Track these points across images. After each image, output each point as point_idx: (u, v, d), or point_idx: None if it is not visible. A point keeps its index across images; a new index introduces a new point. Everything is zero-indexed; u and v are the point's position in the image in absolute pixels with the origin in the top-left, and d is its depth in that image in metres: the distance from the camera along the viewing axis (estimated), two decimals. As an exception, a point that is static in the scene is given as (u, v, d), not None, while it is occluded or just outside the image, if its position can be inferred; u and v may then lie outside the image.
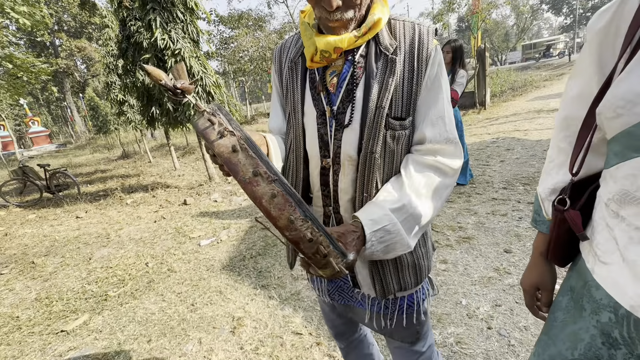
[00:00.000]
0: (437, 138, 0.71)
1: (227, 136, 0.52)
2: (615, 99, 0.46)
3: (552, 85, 13.28)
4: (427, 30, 0.70)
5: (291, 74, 0.79)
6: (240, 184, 0.51)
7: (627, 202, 0.47)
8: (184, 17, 4.91)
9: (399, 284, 0.80)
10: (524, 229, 2.57)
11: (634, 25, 0.47)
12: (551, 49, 32.78)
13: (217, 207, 4.45)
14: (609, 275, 0.50)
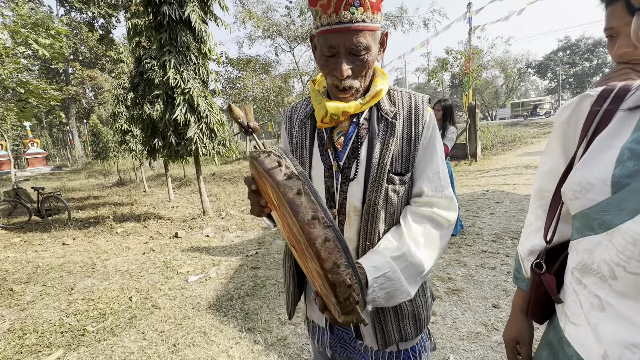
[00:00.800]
0: (434, 192, 0.79)
1: (293, 179, 0.56)
2: (574, 184, 0.54)
3: (539, 142, 13.95)
4: (422, 99, 0.83)
5: (301, 132, 0.89)
6: (298, 224, 0.54)
7: (586, 272, 0.54)
8: (197, 60, 5.27)
9: (400, 334, 0.83)
10: (511, 284, 2.60)
11: (587, 122, 0.58)
12: (538, 108, 34.91)
13: (208, 243, 4.42)
14: (577, 335, 0.55)
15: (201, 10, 5.12)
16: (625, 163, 0.48)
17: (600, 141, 0.54)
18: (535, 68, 47.33)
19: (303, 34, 11.54)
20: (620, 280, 0.48)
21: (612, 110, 0.55)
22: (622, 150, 0.49)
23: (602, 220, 0.49)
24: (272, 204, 0.69)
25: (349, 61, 0.73)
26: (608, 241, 0.49)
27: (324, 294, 0.64)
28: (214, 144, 5.45)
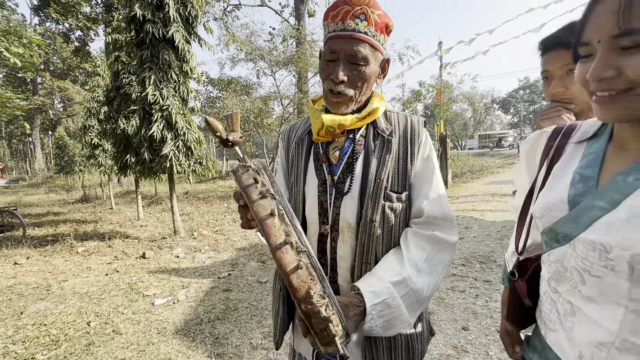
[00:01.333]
0: (435, 213, 0.78)
1: (267, 198, 0.55)
2: (540, 206, 0.63)
3: (504, 172, 14.85)
4: (417, 120, 0.85)
5: (297, 148, 0.90)
6: (270, 247, 0.52)
7: (561, 280, 0.60)
8: (178, 78, 5.27)
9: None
10: (480, 306, 2.70)
11: (544, 153, 0.69)
12: (502, 140, 37.49)
13: (178, 264, 4.24)
14: (557, 340, 0.61)
15: (185, 31, 5.20)
16: (576, 185, 0.57)
17: (558, 169, 0.64)
18: (499, 104, 51.17)
19: (285, 59, 11.90)
20: (588, 284, 0.54)
21: (563, 144, 0.66)
22: (574, 175, 0.59)
23: (564, 234, 0.57)
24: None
25: (346, 68, 0.76)
26: (572, 250, 0.56)
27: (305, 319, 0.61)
28: (190, 162, 5.36)
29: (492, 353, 2.09)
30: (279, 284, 0.90)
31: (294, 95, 12.70)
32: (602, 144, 0.59)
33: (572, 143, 0.64)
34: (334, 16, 0.76)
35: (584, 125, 0.65)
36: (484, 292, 3.00)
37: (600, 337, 0.52)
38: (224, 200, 10.43)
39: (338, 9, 0.75)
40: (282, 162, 0.97)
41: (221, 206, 9.27)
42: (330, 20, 0.78)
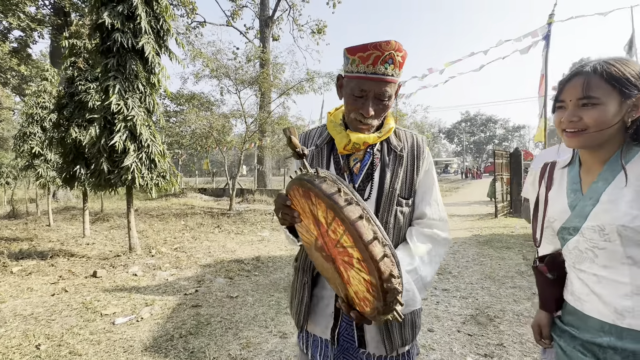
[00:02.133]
0: (434, 216, 0.96)
1: (353, 204, 0.64)
2: (552, 214, 0.91)
3: (451, 195, 16.18)
4: (422, 139, 1.02)
5: (318, 155, 1.01)
6: (360, 243, 0.61)
7: (581, 261, 0.83)
8: (144, 90, 5.14)
9: (402, 339, 0.93)
10: (441, 311, 2.96)
11: (540, 179, 0.99)
12: (449, 167, 40.97)
13: (137, 282, 3.98)
14: (593, 307, 0.81)
15: (156, 43, 5.16)
16: (571, 196, 0.88)
17: (555, 189, 0.94)
18: (445, 133, 56.04)
19: (250, 79, 12.06)
20: (599, 256, 0.79)
21: (552, 171, 0.97)
22: (567, 191, 0.89)
23: (573, 227, 0.84)
24: (307, 218, 0.77)
25: (374, 104, 0.90)
26: (582, 237, 0.82)
27: (359, 298, 0.71)
28: (153, 175, 5.15)
29: (455, 349, 2.32)
30: (305, 277, 1.01)
31: (257, 114, 12.80)
32: (576, 168, 0.90)
33: (558, 169, 0.95)
34: (364, 58, 0.86)
35: (561, 159, 0.98)
36: (444, 299, 3.30)
37: (623, 290, 0.76)
38: (179, 217, 9.93)
39: (368, 52, 0.85)
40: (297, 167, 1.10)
41: (177, 224, 8.82)
42: (359, 61, 0.87)
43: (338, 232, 0.68)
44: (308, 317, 1.01)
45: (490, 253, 5.13)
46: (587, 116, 0.78)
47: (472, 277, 3.97)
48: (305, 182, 0.70)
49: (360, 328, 0.95)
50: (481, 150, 56.03)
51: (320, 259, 0.82)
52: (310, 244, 0.84)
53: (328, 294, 0.99)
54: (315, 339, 1.02)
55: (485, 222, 8.27)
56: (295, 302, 1.04)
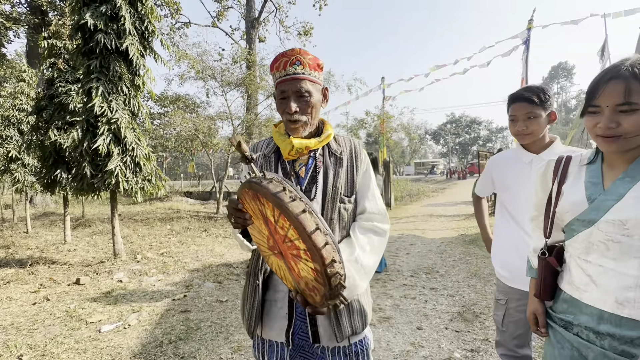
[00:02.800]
0: (373, 209, 1.07)
1: (297, 200, 0.71)
2: (566, 205, 0.94)
3: (438, 196, 16.48)
4: (358, 142, 1.15)
5: (266, 163, 1.09)
6: (304, 234, 0.68)
7: (589, 252, 0.87)
8: (129, 92, 5.05)
9: (352, 327, 1.00)
10: (429, 309, 3.02)
11: (554, 172, 1.01)
12: (435, 168, 41.68)
13: (123, 288, 3.89)
14: (593, 297, 0.85)
15: (140, 45, 5.07)
16: (590, 188, 0.89)
17: (571, 181, 0.96)
18: (431, 135, 57.01)
19: (237, 81, 11.98)
20: (612, 249, 0.82)
21: (566, 168, 0.99)
22: (586, 183, 0.91)
23: (589, 220, 0.86)
24: (258, 219, 0.82)
25: (296, 101, 1.00)
26: (596, 229, 0.84)
27: (309, 288, 0.78)
28: (138, 179, 5.05)
29: (443, 345, 2.38)
30: (257, 281, 1.04)
31: (244, 117, 12.71)
32: (598, 165, 0.92)
33: (576, 166, 0.97)
34: (277, 67, 1.01)
35: (583, 155, 0.99)
36: (432, 297, 3.37)
37: (628, 282, 0.80)
38: (165, 222, 9.74)
39: (279, 61, 1.00)
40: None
41: (163, 228, 8.66)
42: (275, 70, 1.02)
43: (285, 227, 0.73)
44: (261, 322, 1.04)
45: (476, 252, 5.26)
46: (627, 122, 0.77)
47: (458, 276, 4.07)
48: (254, 184, 0.74)
49: (314, 324, 1.00)
50: (466, 151, 57.31)
51: (273, 257, 0.87)
52: (263, 244, 0.88)
53: (280, 297, 1.03)
54: (270, 344, 1.06)
55: (471, 222, 8.47)
56: (247, 308, 1.07)
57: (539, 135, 1.39)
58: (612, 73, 0.80)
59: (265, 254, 0.91)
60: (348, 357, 1.03)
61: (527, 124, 1.37)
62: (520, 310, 1.44)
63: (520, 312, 1.45)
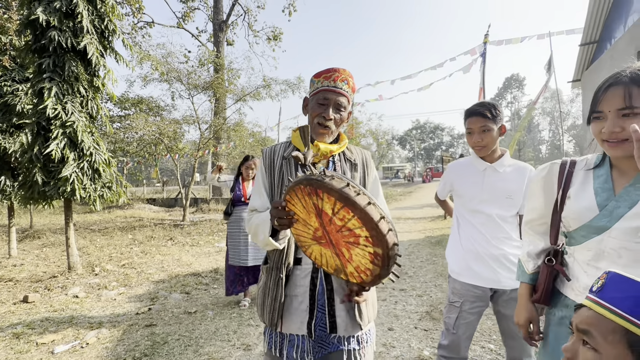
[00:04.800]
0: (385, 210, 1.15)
1: (361, 194, 0.78)
2: (573, 211, 0.91)
3: (405, 200, 17.05)
4: (368, 153, 1.29)
5: (288, 166, 1.16)
6: (372, 223, 0.75)
7: (600, 259, 0.85)
8: (86, 93, 4.74)
9: (367, 317, 1.12)
10: (399, 310, 3.12)
11: (560, 176, 0.98)
12: (399, 172, 43.19)
13: (79, 304, 3.60)
14: None
15: (100, 44, 4.79)
16: (600, 194, 0.88)
17: (578, 187, 0.93)
18: (398, 140, 58.98)
19: (204, 84, 11.66)
20: (624, 257, 0.80)
21: (571, 170, 0.97)
22: (595, 189, 0.89)
23: (600, 226, 0.85)
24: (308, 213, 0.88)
25: (334, 110, 1.14)
26: (608, 237, 0.82)
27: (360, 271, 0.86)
28: (97, 186, 4.73)
29: (413, 345, 2.47)
30: (280, 275, 1.10)
31: (212, 121, 12.38)
32: (607, 169, 0.90)
33: (581, 170, 0.95)
34: (327, 77, 1.12)
35: (589, 160, 0.97)
36: (401, 299, 3.48)
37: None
38: (126, 231, 9.19)
39: (330, 73, 1.13)
40: (264, 176, 1.20)
41: (124, 238, 8.16)
42: (322, 78, 1.13)
43: (346, 218, 0.80)
44: (281, 317, 1.09)
45: (441, 252, 5.51)
46: (629, 125, 0.78)
47: (426, 276, 4.24)
48: (315, 181, 0.81)
49: (332, 314, 1.07)
50: (431, 156, 59.96)
51: (316, 246, 0.94)
52: (306, 236, 0.94)
53: (301, 291, 1.09)
54: (290, 338, 1.10)
55: (436, 224, 8.86)
56: (269, 301, 1.12)
57: (493, 147, 1.54)
58: (612, 79, 0.82)
59: (306, 244, 0.98)
60: (360, 344, 1.12)
61: (482, 137, 1.51)
62: (473, 312, 1.54)
63: (473, 314, 1.54)
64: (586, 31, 7.76)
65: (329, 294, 1.09)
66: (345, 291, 1.07)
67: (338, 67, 1.14)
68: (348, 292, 0.96)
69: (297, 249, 1.12)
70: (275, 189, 1.17)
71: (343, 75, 1.12)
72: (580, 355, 0.56)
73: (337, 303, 1.08)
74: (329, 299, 1.08)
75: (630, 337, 0.50)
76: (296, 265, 1.11)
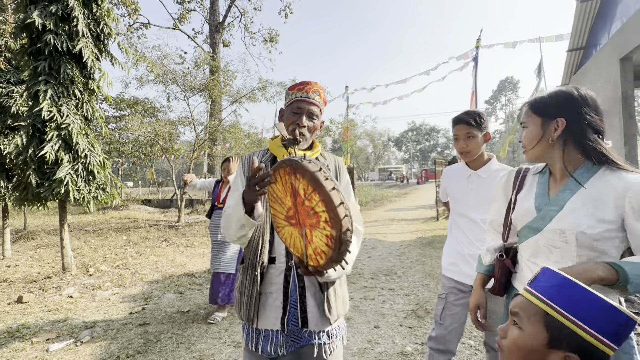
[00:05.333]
0: (354, 214, 1.20)
1: (329, 179, 0.86)
2: (519, 214, 1.06)
3: (400, 201, 17.19)
4: (340, 159, 1.37)
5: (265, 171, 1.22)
6: (332, 205, 0.82)
7: (537, 255, 0.99)
8: (82, 96, 4.80)
9: (337, 312, 1.18)
10: (387, 309, 3.22)
11: (514, 181, 1.15)
12: (392, 174, 43.33)
13: (74, 304, 3.66)
14: None
15: (95, 47, 4.86)
16: (538, 199, 1.02)
17: (525, 191, 1.09)
18: (394, 142, 59.27)
19: (200, 85, 11.72)
20: (554, 254, 0.94)
21: (524, 175, 1.13)
22: (536, 193, 1.04)
23: (536, 227, 0.99)
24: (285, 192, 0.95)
25: (307, 119, 1.22)
26: (542, 236, 0.97)
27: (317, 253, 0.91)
28: (91, 188, 4.79)
29: (397, 341, 2.57)
30: (255, 273, 1.16)
31: (208, 122, 12.43)
32: (546, 176, 1.04)
33: (530, 175, 1.10)
34: (300, 89, 1.23)
35: (538, 167, 1.12)
36: (389, 298, 3.58)
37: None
38: (120, 232, 9.21)
39: (303, 85, 1.23)
40: (243, 183, 1.26)
41: (118, 239, 8.19)
42: (296, 90, 1.23)
43: (314, 200, 0.87)
44: (257, 313, 1.15)
45: (431, 253, 5.63)
46: (523, 137, 1.03)
47: (414, 276, 4.35)
48: (295, 162, 0.90)
49: (304, 310, 1.14)
50: (426, 158, 60.32)
51: (288, 227, 1.01)
52: (280, 215, 1.02)
53: (275, 288, 1.16)
54: (266, 333, 1.16)
55: (428, 225, 9.00)
56: (245, 299, 1.18)
57: (477, 153, 1.66)
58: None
59: (280, 224, 1.03)
60: (330, 338, 1.19)
61: (467, 143, 1.65)
62: (457, 304, 1.66)
63: (457, 305, 1.66)
64: (573, 37, 7.95)
65: (300, 291, 1.15)
66: (316, 287, 1.16)
67: (310, 81, 1.25)
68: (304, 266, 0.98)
69: (272, 248, 1.19)
70: None
71: (315, 88, 1.23)
72: (509, 333, 0.67)
73: (308, 299, 1.16)
74: (301, 296, 1.15)
75: (547, 318, 0.61)
76: (270, 264, 1.18)
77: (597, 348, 0.57)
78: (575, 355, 0.59)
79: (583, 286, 0.61)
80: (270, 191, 1.02)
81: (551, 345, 0.60)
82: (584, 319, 0.58)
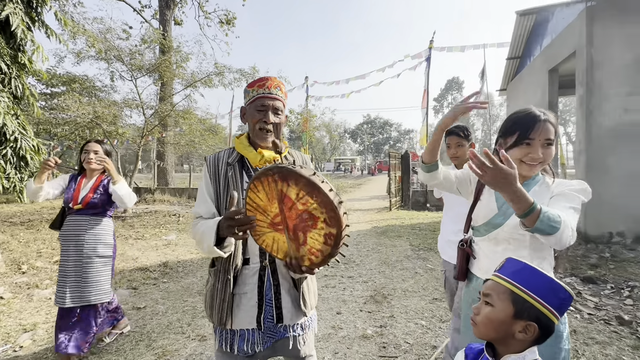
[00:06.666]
0: None
1: (324, 182, 0.90)
2: (481, 211, 1.23)
3: (355, 191, 17.79)
4: (308, 157, 1.44)
5: (234, 171, 1.23)
6: (332, 206, 0.88)
7: (499, 243, 1.17)
8: (9, 70, 4.20)
9: (311, 303, 1.26)
10: (347, 295, 3.41)
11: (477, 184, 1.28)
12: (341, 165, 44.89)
13: (6, 306, 3.29)
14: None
15: (26, 15, 4.25)
16: (499, 198, 1.19)
17: (486, 192, 1.24)
18: (349, 134, 60.64)
19: (149, 66, 10.83)
20: (512, 244, 1.13)
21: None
22: (497, 194, 1.19)
23: (497, 223, 1.16)
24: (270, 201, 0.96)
25: (273, 115, 1.23)
26: (502, 230, 1.15)
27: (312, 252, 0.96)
28: (23, 176, 4.26)
29: (358, 325, 2.76)
30: (228, 276, 1.17)
31: (158, 106, 11.57)
32: None
33: None
34: (261, 85, 1.21)
35: None
36: (349, 285, 3.78)
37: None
38: (57, 224, 8.30)
39: (263, 81, 1.21)
40: (208, 182, 1.24)
41: (54, 232, 7.37)
42: (257, 87, 1.21)
43: (309, 203, 0.91)
44: (232, 312, 1.17)
45: (386, 242, 6.00)
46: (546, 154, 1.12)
47: (371, 264, 4.62)
48: (285, 169, 0.91)
49: (279, 306, 1.19)
50: (380, 150, 62.77)
51: (272, 234, 1.02)
52: (263, 224, 1.02)
53: (250, 288, 1.18)
54: (241, 333, 1.18)
55: (382, 215, 9.49)
56: (217, 302, 1.18)
57: (465, 158, 2.07)
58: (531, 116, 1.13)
59: (261, 232, 1.03)
60: (304, 330, 1.26)
61: (457, 150, 2.09)
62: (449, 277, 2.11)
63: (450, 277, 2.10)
64: (512, 47, 8.81)
65: (275, 289, 1.18)
66: (290, 284, 1.21)
67: (269, 76, 1.24)
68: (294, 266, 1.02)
69: (245, 249, 1.19)
70: (221, 195, 1.21)
71: (275, 82, 1.22)
72: (481, 310, 0.83)
73: (283, 296, 1.19)
74: (276, 293, 1.18)
75: (513, 295, 0.78)
76: (244, 265, 1.18)
77: (548, 318, 0.76)
78: (534, 323, 0.76)
79: (539, 270, 0.79)
80: (250, 202, 1.00)
81: (516, 317, 0.77)
82: (540, 295, 0.76)
